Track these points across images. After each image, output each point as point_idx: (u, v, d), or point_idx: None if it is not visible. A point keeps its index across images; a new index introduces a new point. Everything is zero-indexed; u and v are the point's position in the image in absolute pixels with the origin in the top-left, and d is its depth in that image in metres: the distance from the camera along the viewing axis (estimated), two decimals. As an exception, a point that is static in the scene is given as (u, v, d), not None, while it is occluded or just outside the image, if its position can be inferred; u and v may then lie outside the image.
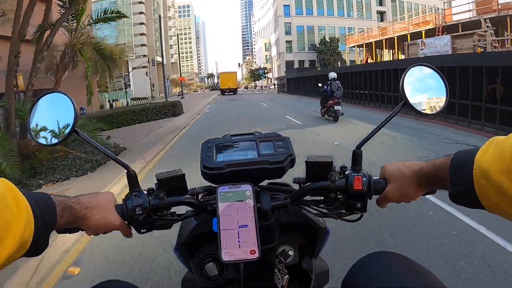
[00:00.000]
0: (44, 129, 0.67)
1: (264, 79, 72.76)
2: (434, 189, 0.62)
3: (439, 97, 0.66)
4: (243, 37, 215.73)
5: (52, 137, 0.67)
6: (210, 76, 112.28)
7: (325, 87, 9.90)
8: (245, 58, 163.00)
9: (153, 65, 31.93)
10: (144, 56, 59.41)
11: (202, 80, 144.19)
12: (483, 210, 0.47)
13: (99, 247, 2.74)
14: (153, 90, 45.30)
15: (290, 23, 51.30)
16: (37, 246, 0.49)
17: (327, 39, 49.19)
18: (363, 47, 28.10)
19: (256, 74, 71.43)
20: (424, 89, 0.66)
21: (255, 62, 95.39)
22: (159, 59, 72.09)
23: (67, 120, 0.65)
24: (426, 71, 0.67)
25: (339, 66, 37.72)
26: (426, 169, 0.57)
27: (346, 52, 42.12)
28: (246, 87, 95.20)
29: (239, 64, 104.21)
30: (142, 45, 72.81)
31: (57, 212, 0.53)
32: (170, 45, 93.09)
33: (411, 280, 0.56)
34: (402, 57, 24.48)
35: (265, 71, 70.32)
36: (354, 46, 31.68)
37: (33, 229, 0.48)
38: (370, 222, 2.81)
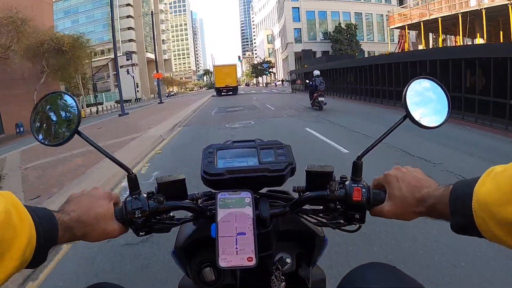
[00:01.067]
0: (46, 129, 0.67)
1: (268, 74, 65.09)
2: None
3: (440, 110, 0.68)
4: (242, 33, 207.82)
5: (55, 138, 0.66)
6: (206, 73, 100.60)
7: (310, 82, 12.50)
8: (244, 54, 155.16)
9: (128, 60, 24.14)
10: (133, 52, 52.19)
11: (200, 78, 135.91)
12: None
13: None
14: (138, 91, 38.02)
15: (298, 8, 44.13)
16: (35, 261, 0.49)
17: (343, 26, 42.13)
18: (420, 27, 19.56)
19: (259, 69, 63.55)
20: (426, 102, 0.69)
21: (257, 56, 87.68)
22: (150, 55, 64.81)
23: (69, 121, 0.66)
24: (429, 84, 0.70)
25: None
26: (428, 203, 0.57)
27: (388, 37, 34.42)
28: (247, 84, 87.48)
29: (239, 57, 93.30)
30: (130, 40, 65.23)
31: (59, 232, 0.53)
32: (163, 40, 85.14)
33: None
34: (481, 40, 16.84)
35: (270, 65, 62.49)
36: (402, 27, 22.44)
37: (34, 248, 0.48)
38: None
